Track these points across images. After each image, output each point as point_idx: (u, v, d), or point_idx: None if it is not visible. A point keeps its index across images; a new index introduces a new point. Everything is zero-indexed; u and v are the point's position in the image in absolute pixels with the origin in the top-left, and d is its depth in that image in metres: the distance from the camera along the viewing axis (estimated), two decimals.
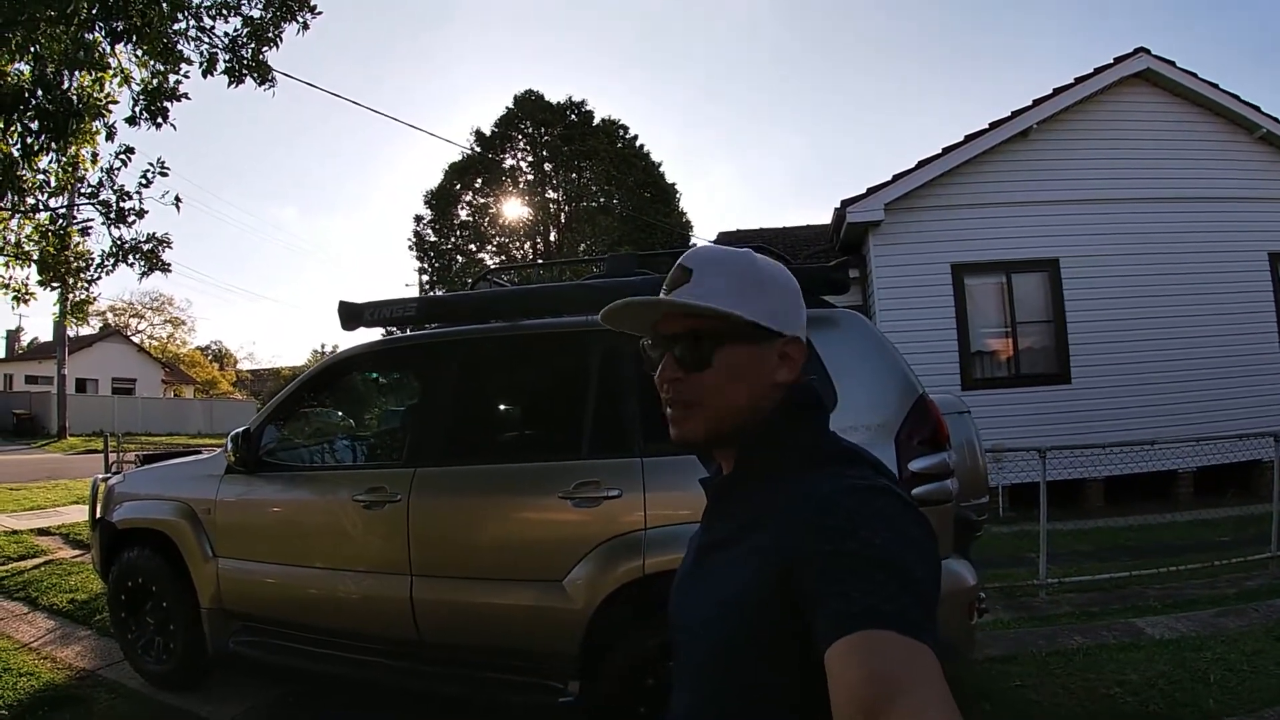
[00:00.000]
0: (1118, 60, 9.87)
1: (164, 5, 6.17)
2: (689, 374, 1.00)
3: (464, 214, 35.66)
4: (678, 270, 1.03)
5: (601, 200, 34.41)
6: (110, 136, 6.73)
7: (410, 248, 35.37)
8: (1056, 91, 9.86)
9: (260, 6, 6.79)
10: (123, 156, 6.86)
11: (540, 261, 31.63)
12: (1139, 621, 4.83)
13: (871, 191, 9.71)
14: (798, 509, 0.88)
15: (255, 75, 6.79)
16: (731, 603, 0.92)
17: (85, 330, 30.01)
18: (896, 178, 9.74)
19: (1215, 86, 9.84)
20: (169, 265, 7.23)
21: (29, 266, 7.26)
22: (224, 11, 6.74)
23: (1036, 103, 9.85)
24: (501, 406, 4.28)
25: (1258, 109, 9.89)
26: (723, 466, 1.08)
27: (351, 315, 3.95)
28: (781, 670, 0.86)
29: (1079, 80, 9.88)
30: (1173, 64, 9.80)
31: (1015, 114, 9.84)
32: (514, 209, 35.70)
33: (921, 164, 9.75)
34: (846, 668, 0.71)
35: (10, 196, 6.74)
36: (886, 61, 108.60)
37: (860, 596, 0.75)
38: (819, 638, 0.76)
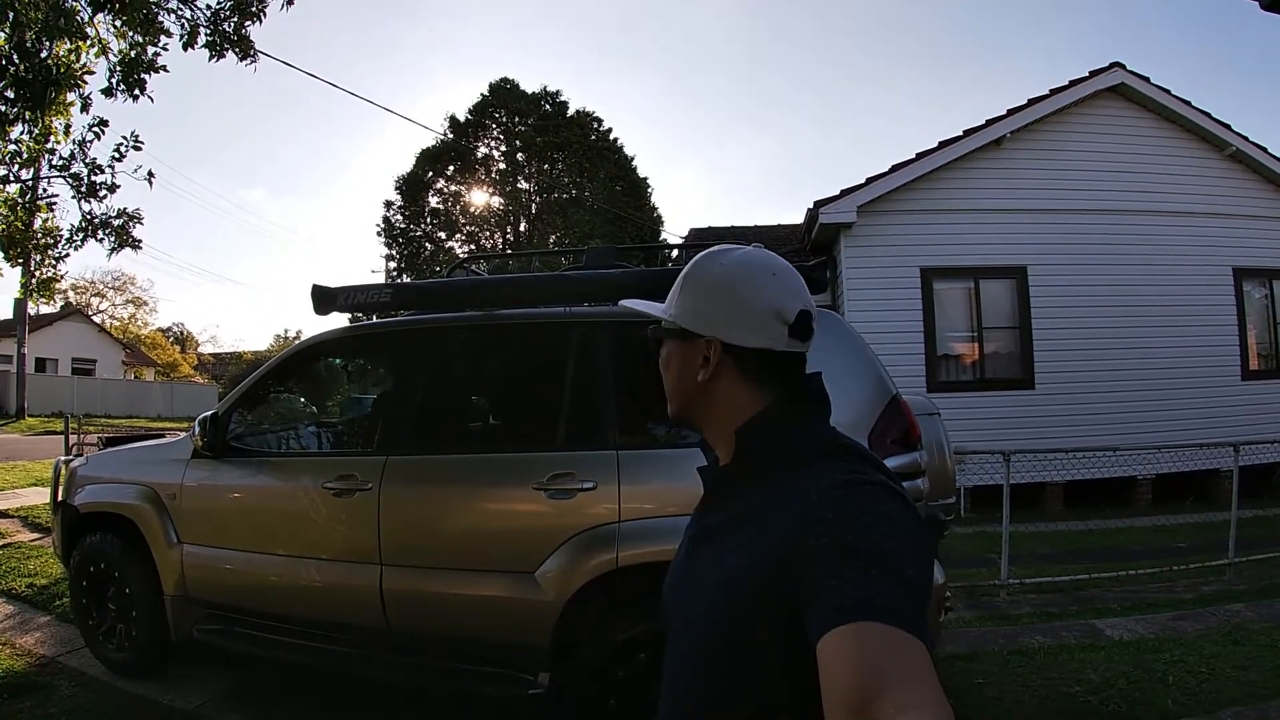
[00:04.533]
0: (1093, 74, 10.05)
1: None
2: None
3: (434, 201, 35.30)
4: None
5: (573, 192, 34.24)
6: (85, 108, 6.55)
7: (379, 233, 34.88)
8: (1031, 102, 10.00)
9: None
10: (96, 129, 6.70)
11: (511, 251, 31.56)
12: (1098, 623, 4.93)
13: (845, 193, 9.78)
14: (794, 502, 0.89)
15: (237, 50, 6.63)
16: (723, 592, 0.92)
17: (46, 309, 29.29)
18: (870, 180, 9.82)
19: (1187, 104, 10.05)
20: (139, 241, 7.05)
21: None
22: None
23: (1011, 112, 9.98)
24: (476, 396, 4.24)
25: (1228, 127, 10.10)
26: (720, 457, 1.08)
27: (324, 300, 3.88)
28: (771, 660, 0.86)
29: (1054, 92, 10.03)
30: (1146, 79, 9.98)
31: (989, 122, 9.96)
32: (485, 198, 35.45)
33: (895, 168, 9.84)
34: (838, 659, 0.71)
35: None
36: (864, 64, 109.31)
37: (853, 589, 0.75)
38: (811, 629, 0.76)
